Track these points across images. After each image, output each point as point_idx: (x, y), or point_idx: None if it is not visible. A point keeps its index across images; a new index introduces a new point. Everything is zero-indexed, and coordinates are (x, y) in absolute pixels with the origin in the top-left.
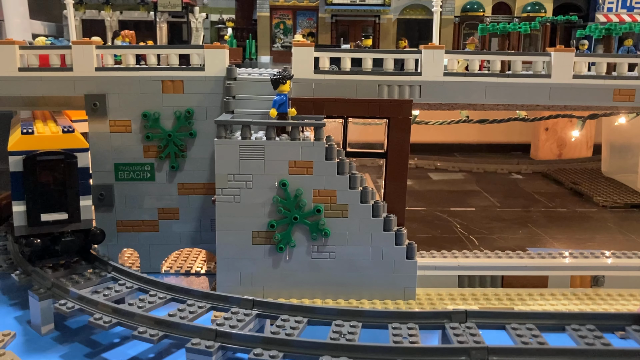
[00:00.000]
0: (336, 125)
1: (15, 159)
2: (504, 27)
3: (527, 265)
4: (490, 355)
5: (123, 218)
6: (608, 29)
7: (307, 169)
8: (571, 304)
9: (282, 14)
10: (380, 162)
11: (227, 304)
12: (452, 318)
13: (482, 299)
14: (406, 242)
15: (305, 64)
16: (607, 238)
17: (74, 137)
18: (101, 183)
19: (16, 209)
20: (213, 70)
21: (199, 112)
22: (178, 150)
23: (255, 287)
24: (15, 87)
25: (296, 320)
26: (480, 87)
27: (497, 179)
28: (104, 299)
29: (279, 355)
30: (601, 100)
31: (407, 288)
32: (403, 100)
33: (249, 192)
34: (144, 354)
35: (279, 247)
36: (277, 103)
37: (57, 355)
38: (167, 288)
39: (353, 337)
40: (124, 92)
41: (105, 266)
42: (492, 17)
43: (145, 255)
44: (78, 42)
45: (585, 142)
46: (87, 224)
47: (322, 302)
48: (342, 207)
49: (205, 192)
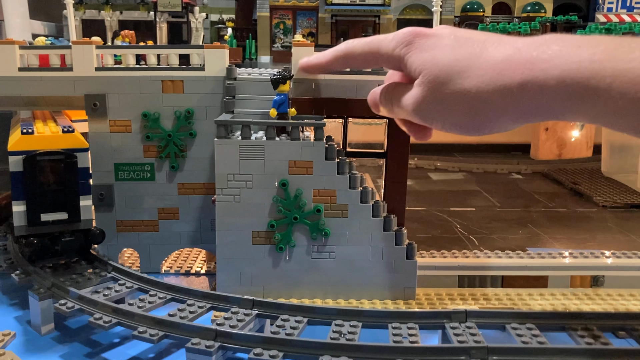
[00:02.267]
0: (336, 125)
1: (15, 159)
2: (504, 27)
3: (527, 265)
4: (490, 355)
5: (123, 218)
6: (608, 29)
7: (307, 169)
8: (571, 304)
9: (282, 14)
10: (380, 162)
11: (227, 304)
12: (452, 318)
13: (482, 299)
14: (406, 242)
15: None
16: (607, 238)
17: (74, 137)
18: (101, 183)
19: (16, 209)
20: (213, 70)
21: (199, 112)
22: (178, 150)
23: (255, 287)
24: (15, 87)
25: (296, 320)
26: None
27: (497, 179)
28: (104, 299)
29: (279, 355)
30: None
31: (407, 288)
32: None
33: (249, 192)
34: (144, 354)
35: (279, 247)
36: (277, 103)
37: (57, 355)
38: (167, 288)
39: (353, 337)
40: (124, 92)
41: (105, 266)
42: (492, 17)
43: (145, 255)
44: (78, 42)
45: (585, 142)
46: (87, 224)
47: (322, 302)
48: (342, 207)
49: (205, 192)
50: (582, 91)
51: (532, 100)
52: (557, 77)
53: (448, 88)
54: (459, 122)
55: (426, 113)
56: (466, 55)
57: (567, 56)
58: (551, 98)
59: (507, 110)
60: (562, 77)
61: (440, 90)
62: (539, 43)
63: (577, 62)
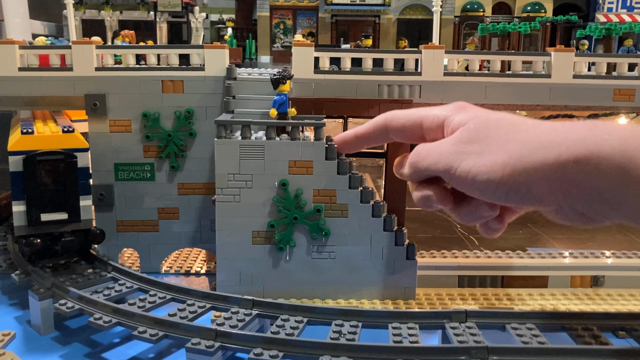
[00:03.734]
0: (336, 125)
1: (15, 159)
2: (504, 27)
3: (527, 265)
4: (490, 355)
5: (123, 218)
6: (608, 29)
7: (307, 169)
8: (571, 304)
9: (282, 14)
10: (380, 162)
11: (227, 304)
12: (452, 318)
13: (482, 299)
14: (406, 242)
15: (305, 64)
16: (607, 238)
17: (74, 137)
18: (101, 183)
19: (16, 209)
20: (213, 70)
21: (199, 112)
22: (178, 150)
23: (255, 287)
24: (15, 87)
25: (296, 320)
26: (480, 87)
27: None
28: (104, 299)
29: (279, 355)
30: (601, 100)
31: (407, 288)
32: (403, 100)
33: (249, 192)
34: (144, 354)
35: (279, 247)
36: (277, 103)
37: (57, 355)
38: (167, 288)
39: (353, 337)
40: (124, 92)
41: (105, 266)
42: (492, 17)
43: (145, 255)
44: (78, 42)
45: None
46: (87, 224)
47: (322, 302)
48: (342, 207)
49: (205, 192)
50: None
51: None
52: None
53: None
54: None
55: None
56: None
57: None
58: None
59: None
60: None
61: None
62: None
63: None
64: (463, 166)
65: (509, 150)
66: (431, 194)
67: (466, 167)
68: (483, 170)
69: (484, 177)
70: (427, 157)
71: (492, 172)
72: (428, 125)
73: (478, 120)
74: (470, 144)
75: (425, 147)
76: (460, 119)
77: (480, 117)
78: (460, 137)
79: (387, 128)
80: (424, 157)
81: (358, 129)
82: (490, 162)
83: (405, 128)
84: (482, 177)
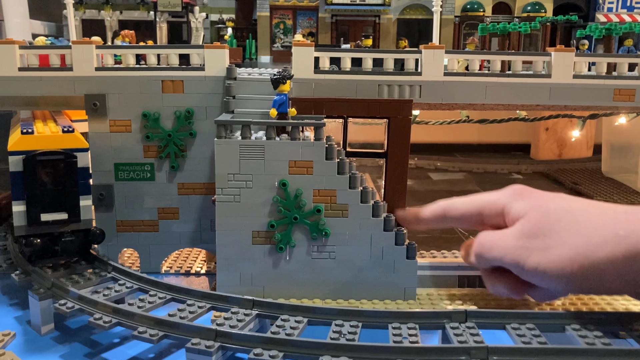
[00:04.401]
0: (336, 125)
1: (15, 159)
2: (504, 27)
3: None
4: (490, 355)
5: (123, 218)
6: (608, 29)
7: (307, 169)
8: (571, 304)
9: (282, 14)
10: (380, 162)
11: (227, 304)
12: (452, 318)
13: (482, 299)
14: (406, 242)
15: (305, 63)
16: None
17: (74, 137)
18: (101, 183)
19: (16, 209)
20: (213, 70)
21: (199, 112)
22: (178, 150)
23: (255, 287)
24: (15, 87)
25: (296, 320)
26: (480, 87)
27: (497, 179)
28: (104, 299)
29: (279, 355)
30: (601, 100)
31: (407, 288)
32: (403, 100)
33: (249, 192)
34: (144, 354)
35: (279, 247)
36: (277, 103)
37: (57, 355)
38: (167, 288)
39: (353, 337)
40: (124, 92)
41: (105, 266)
42: (492, 17)
43: (145, 255)
44: (78, 42)
45: (585, 142)
46: (87, 224)
47: (322, 302)
48: (342, 207)
49: (205, 192)
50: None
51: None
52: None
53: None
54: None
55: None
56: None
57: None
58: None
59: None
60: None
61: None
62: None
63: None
64: (530, 262)
65: (574, 244)
66: (503, 288)
67: (533, 263)
68: (551, 267)
69: (553, 273)
70: (492, 250)
71: (560, 268)
72: (487, 214)
73: (538, 211)
74: (533, 238)
75: (488, 238)
76: (519, 208)
77: (540, 207)
78: (522, 230)
79: (445, 217)
80: (488, 250)
81: (421, 214)
82: (557, 258)
83: (464, 217)
84: (552, 273)
